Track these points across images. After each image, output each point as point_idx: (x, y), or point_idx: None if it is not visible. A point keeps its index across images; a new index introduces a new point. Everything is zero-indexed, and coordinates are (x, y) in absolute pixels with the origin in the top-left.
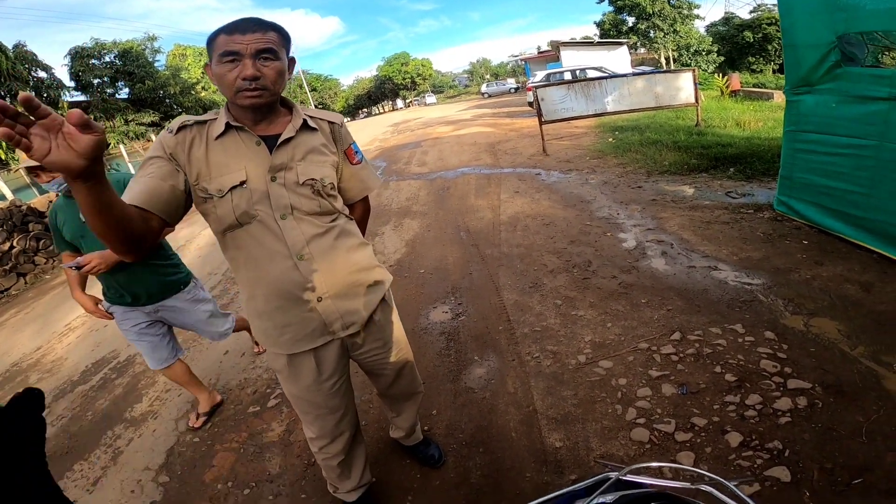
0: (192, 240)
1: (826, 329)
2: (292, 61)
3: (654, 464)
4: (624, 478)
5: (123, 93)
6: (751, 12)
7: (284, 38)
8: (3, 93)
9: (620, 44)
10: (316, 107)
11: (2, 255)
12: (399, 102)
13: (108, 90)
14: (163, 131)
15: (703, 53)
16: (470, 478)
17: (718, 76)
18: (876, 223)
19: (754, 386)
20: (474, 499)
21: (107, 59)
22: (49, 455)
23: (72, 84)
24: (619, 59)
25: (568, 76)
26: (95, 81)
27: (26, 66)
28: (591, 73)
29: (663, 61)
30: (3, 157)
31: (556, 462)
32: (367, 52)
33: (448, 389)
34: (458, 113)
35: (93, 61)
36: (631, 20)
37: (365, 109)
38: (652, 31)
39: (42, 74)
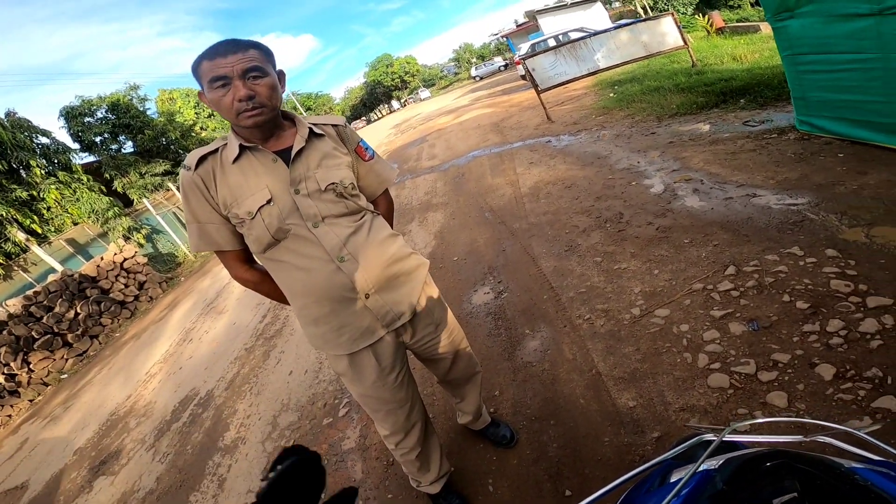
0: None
1: (891, 237)
2: (281, 74)
3: (763, 419)
4: (711, 437)
5: (128, 146)
6: None
7: (265, 53)
8: (14, 165)
9: (594, 1)
10: None
11: (70, 323)
12: (395, 104)
13: (113, 146)
14: (182, 171)
15: None
16: (547, 451)
17: (699, 17)
18: None
19: (831, 310)
20: (556, 471)
21: (98, 114)
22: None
23: (76, 146)
24: (596, 16)
25: (552, 42)
26: (97, 139)
27: (26, 133)
28: (574, 35)
29: (641, 11)
30: (39, 230)
31: (633, 422)
32: (349, 62)
33: (506, 368)
34: (454, 101)
35: (86, 119)
36: None
37: (363, 118)
38: None
39: (45, 140)
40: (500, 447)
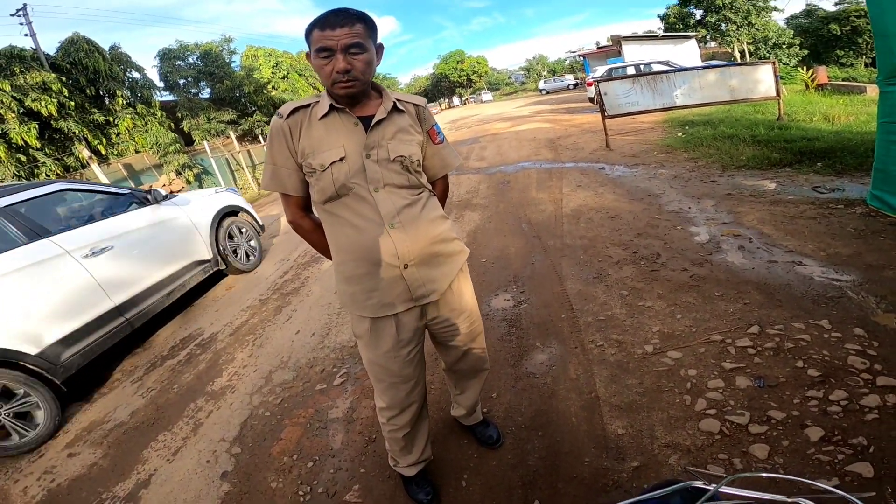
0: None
1: None
2: (380, 48)
3: (764, 473)
4: (701, 486)
5: (205, 92)
6: (836, 4)
7: (370, 27)
8: (102, 92)
9: (688, 37)
10: None
11: None
12: (455, 100)
13: (192, 90)
14: (274, 118)
15: (784, 46)
16: (527, 460)
17: (803, 70)
18: None
19: (839, 382)
20: (530, 480)
21: (190, 60)
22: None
23: (161, 84)
24: (687, 53)
25: (631, 70)
26: (181, 82)
27: (122, 67)
28: (657, 68)
29: (737, 55)
30: (103, 151)
31: (617, 448)
32: (422, 51)
33: (509, 374)
34: (515, 109)
35: (178, 62)
36: (699, 13)
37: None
38: (723, 24)
39: (136, 75)
40: (483, 446)
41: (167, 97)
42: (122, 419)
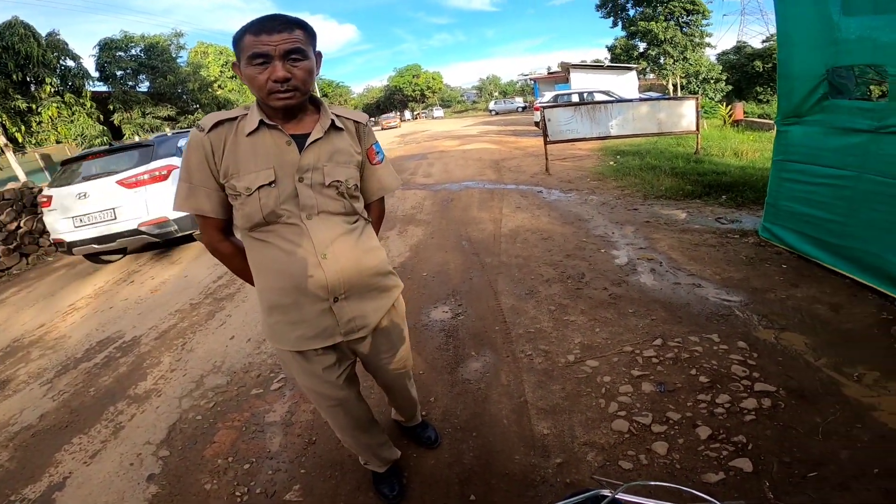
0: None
1: (794, 342)
2: (319, 56)
3: (652, 482)
4: (615, 496)
5: (144, 86)
6: (763, 42)
7: (310, 34)
8: (30, 79)
9: (630, 69)
10: None
11: (8, 235)
12: (407, 114)
13: (130, 82)
14: (193, 130)
15: (712, 81)
16: (463, 458)
17: (723, 105)
18: (850, 250)
19: (724, 387)
20: (466, 477)
21: (133, 52)
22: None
23: (96, 74)
24: (627, 83)
25: (575, 98)
26: (119, 73)
27: (56, 54)
28: (599, 97)
29: (671, 87)
30: (20, 139)
31: (543, 447)
32: (379, 62)
33: (446, 380)
34: (464, 128)
35: (119, 53)
36: (642, 46)
37: (373, 119)
38: (662, 58)
39: (70, 63)
40: (422, 446)
41: (102, 88)
42: (29, 422)
